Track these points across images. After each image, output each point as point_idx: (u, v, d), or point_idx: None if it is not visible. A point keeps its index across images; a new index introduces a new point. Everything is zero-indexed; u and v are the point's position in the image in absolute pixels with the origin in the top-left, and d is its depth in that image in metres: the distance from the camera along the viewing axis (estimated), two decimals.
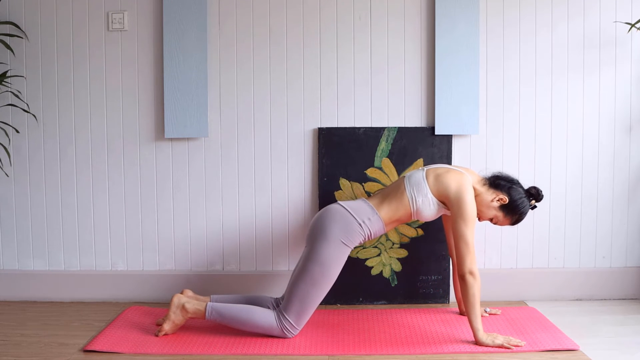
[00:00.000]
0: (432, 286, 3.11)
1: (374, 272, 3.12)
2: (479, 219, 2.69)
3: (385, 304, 3.12)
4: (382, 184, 3.11)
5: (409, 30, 3.11)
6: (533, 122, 3.14)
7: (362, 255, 3.12)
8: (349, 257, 2.84)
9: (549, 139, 3.15)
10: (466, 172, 2.69)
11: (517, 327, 2.71)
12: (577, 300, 3.17)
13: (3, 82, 3.06)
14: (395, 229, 3.10)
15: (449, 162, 3.10)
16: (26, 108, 3.13)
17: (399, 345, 2.52)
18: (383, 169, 3.11)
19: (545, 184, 3.15)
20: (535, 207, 2.73)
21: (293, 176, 3.15)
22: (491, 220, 2.71)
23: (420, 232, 3.11)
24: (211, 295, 2.81)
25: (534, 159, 3.15)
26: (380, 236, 3.08)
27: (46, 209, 3.20)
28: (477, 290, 2.48)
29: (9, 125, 3.14)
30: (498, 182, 2.69)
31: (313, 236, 2.62)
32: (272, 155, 3.15)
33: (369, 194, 3.09)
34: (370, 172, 3.11)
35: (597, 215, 3.17)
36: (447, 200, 2.62)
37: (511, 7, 3.10)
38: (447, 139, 3.11)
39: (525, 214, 2.69)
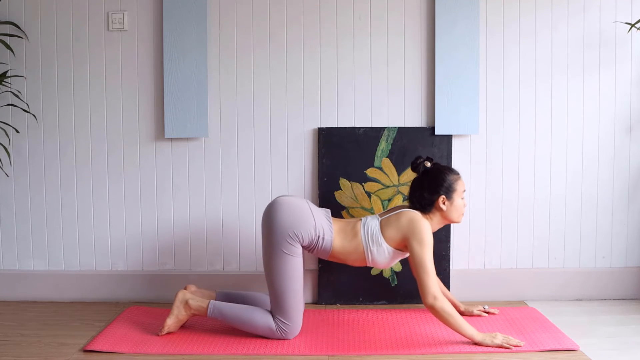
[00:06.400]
0: None
1: (373, 272, 3.12)
2: (455, 219, 2.66)
3: (385, 304, 3.12)
4: (382, 184, 3.11)
5: (409, 29, 3.11)
6: (533, 122, 3.14)
7: None
8: None
9: (549, 139, 3.15)
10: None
11: (517, 327, 2.71)
12: (577, 300, 3.17)
13: (3, 82, 3.07)
14: None
15: (449, 162, 3.10)
16: (26, 108, 3.13)
17: (399, 345, 2.52)
18: (383, 169, 3.11)
19: (545, 183, 3.15)
20: (430, 159, 2.69)
21: (293, 176, 3.15)
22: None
23: None
24: (217, 290, 2.81)
25: (534, 158, 3.15)
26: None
27: (46, 209, 3.20)
28: (449, 308, 2.45)
29: (9, 125, 3.14)
30: (421, 201, 2.64)
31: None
32: (272, 155, 3.15)
33: (368, 195, 3.09)
34: (370, 172, 3.11)
35: (597, 215, 3.17)
36: (403, 239, 2.59)
37: (511, 6, 3.10)
38: (447, 139, 3.11)
39: (451, 173, 2.64)
